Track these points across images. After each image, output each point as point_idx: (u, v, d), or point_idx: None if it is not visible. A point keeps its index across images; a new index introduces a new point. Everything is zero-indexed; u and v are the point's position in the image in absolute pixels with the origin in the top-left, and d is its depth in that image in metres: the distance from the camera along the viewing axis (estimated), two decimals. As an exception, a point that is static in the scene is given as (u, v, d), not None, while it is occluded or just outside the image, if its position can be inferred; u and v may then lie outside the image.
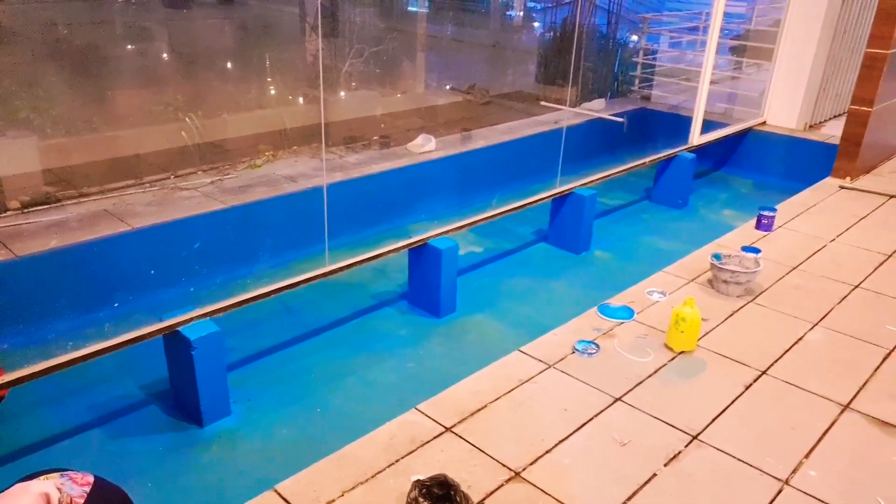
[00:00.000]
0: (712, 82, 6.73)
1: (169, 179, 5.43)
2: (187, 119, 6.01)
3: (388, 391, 3.76)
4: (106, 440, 3.35)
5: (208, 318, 3.42)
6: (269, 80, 7.04)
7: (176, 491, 3.06)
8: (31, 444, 3.29)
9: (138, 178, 5.36)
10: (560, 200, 5.50)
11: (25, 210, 4.64)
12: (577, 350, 3.40)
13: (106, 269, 4.30)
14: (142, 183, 5.30)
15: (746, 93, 7.99)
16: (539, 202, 5.31)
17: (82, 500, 2.23)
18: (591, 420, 2.92)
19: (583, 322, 3.70)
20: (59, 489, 2.17)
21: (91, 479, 2.41)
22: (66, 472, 2.38)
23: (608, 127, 7.42)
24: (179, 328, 3.30)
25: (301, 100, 7.20)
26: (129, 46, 6.02)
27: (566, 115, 7.33)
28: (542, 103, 7.95)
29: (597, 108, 8.04)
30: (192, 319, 3.37)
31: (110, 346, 3.16)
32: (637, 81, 8.94)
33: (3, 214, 4.56)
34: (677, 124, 7.34)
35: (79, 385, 3.64)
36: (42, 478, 2.31)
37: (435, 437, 2.77)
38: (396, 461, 2.63)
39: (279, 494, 2.45)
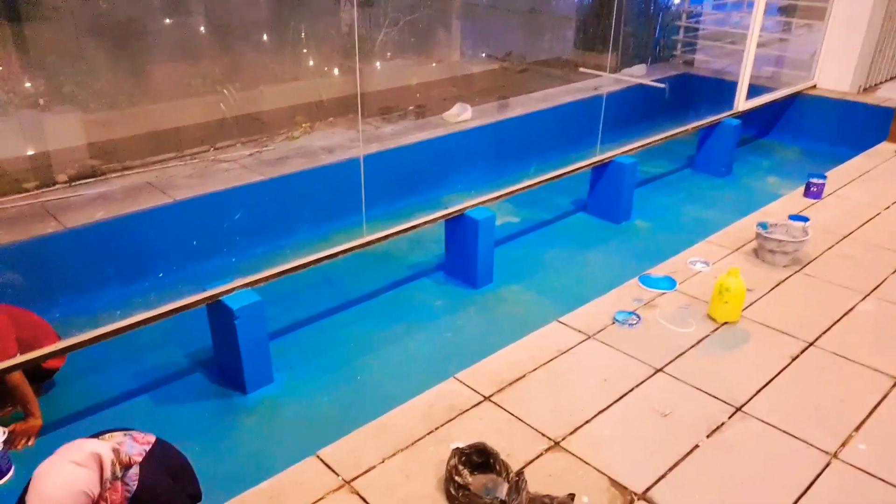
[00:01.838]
0: (759, 45, 6.46)
1: (209, 152, 5.49)
2: (225, 91, 6.05)
3: (425, 361, 3.79)
4: (153, 406, 3.46)
5: (250, 287, 3.48)
6: (304, 51, 7.02)
7: (221, 455, 3.14)
8: (83, 410, 3.41)
9: (179, 150, 5.44)
10: (600, 169, 5.40)
11: (72, 183, 4.75)
12: (617, 321, 3.36)
13: (150, 241, 4.39)
14: (182, 155, 5.38)
15: (796, 55, 7.67)
16: (578, 171, 5.21)
17: (141, 458, 2.32)
18: (631, 391, 2.89)
19: (623, 292, 3.64)
20: (116, 450, 2.25)
21: (152, 438, 2.50)
22: (129, 432, 2.48)
23: (649, 93, 7.22)
24: (222, 298, 3.37)
25: (336, 71, 7.17)
26: (167, 20, 6.06)
27: (606, 81, 7.16)
28: (581, 70, 7.77)
29: (637, 74, 7.82)
30: (234, 289, 3.42)
31: (156, 315, 3.24)
32: (679, 46, 8.65)
33: (52, 187, 4.68)
34: (721, 90, 7.10)
35: (126, 353, 3.74)
36: (106, 436, 2.41)
37: (473, 406, 2.77)
38: (436, 429, 2.65)
39: (321, 460, 2.50)
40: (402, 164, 5.56)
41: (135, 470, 2.27)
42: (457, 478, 2.34)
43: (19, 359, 3.04)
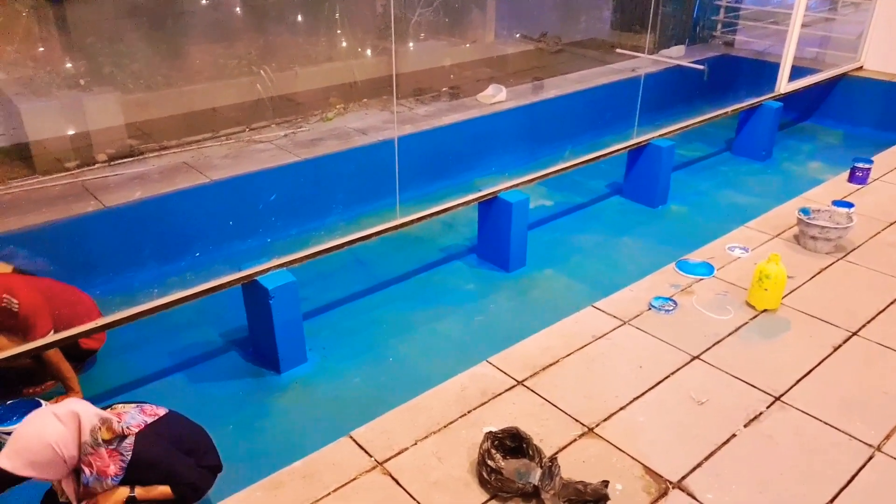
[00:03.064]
0: (803, 25, 6.25)
1: (244, 132, 5.53)
2: (260, 72, 6.07)
3: (456, 344, 3.78)
4: (189, 383, 3.52)
5: (284, 268, 3.50)
6: (338, 31, 7.00)
7: (256, 433, 3.19)
8: (120, 387, 3.48)
9: (214, 131, 5.48)
10: (636, 152, 5.30)
11: (111, 163, 4.83)
12: (653, 306, 3.30)
13: (186, 220, 4.45)
14: (218, 136, 5.42)
15: (842, 35, 7.39)
16: (614, 154, 5.12)
17: (138, 429, 2.36)
18: (666, 378, 2.84)
19: (659, 278, 3.58)
20: (105, 419, 2.28)
21: (162, 412, 2.55)
22: (141, 405, 2.54)
23: (688, 75, 7.04)
24: (257, 278, 3.40)
25: (370, 52, 7.14)
26: (204, 1, 6.09)
27: (643, 62, 7.00)
28: (618, 51, 7.61)
29: (676, 56, 7.63)
30: (269, 269, 3.45)
31: (193, 294, 3.29)
32: (720, 26, 8.41)
33: (92, 167, 4.77)
34: (762, 71, 6.89)
35: (162, 331, 3.81)
36: (118, 406, 2.47)
37: (506, 390, 2.76)
38: (468, 412, 2.65)
39: (354, 440, 2.52)
40: (435, 146, 5.53)
41: (130, 440, 2.32)
42: (489, 462, 2.34)
43: (54, 337, 3.10)
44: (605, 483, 2.28)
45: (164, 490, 2.40)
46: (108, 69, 5.56)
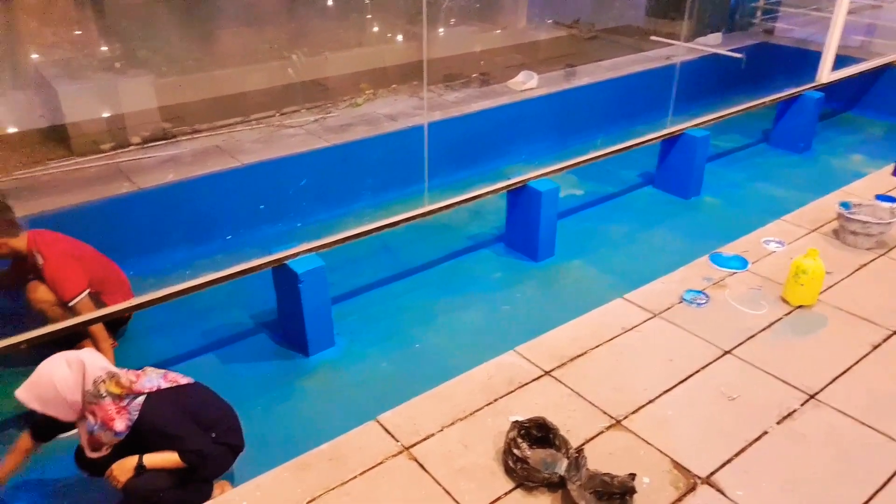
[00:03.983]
0: (849, 12, 6.05)
1: (274, 117, 5.55)
2: (290, 57, 6.09)
3: (483, 332, 3.77)
4: (219, 364, 3.57)
5: (314, 252, 3.52)
6: (368, 16, 6.98)
7: (283, 415, 3.22)
8: (152, 365, 3.53)
9: (245, 115, 5.52)
10: (670, 142, 5.20)
11: (145, 145, 4.89)
12: (684, 300, 3.25)
13: (218, 203, 4.50)
14: (249, 120, 5.46)
15: (889, 23, 7.14)
16: (647, 143, 5.04)
17: (150, 391, 2.40)
18: (697, 372, 2.80)
19: (691, 271, 3.52)
20: (112, 373, 2.35)
21: (184, 381, 2.59)
22: (168, 372, 2.58)
23: (725, 63, 6.88)
24: (287, 262, 3.42)
25: (400, 37, 7.11)
26: (236, -15, 6.12)
27: (679, 50, 6.86)
28: (653, 38, 7.46)
29: (713, 44, 7.46)
30: (298, 254, 3.47)
31: (224, 277, 3.32)
32: (759, 13, 8.19)
33: (126, 149, 4.84)
34: (803, 60, 6.71)
35: (193, 312, 3.86)
36: (148, 369, 2.53)
37: (533, 380, 2.75)
38: (494, 401, 2.64)
39: (381, 425, 2.53)
40: (464, 133, 5.49)
41: (140, 400, 2.37)
42: (515, 451, 2.33)
43: (95, 314, 3.18)
44: (632, 476, 2.26)
45: (172, 458, 2.43)
46: (143, 53, 5.62)
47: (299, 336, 3.55)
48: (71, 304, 3.26)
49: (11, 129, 4.96)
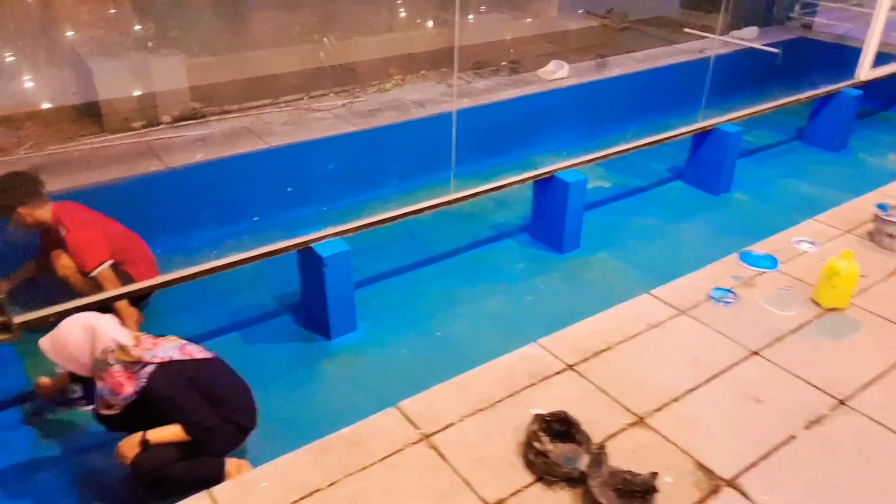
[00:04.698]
0: (892, 8, 5.86)
1: (303, 100, 5.55)
2: (320, 40, 6.08)
3: (505, 323, 3.75)
4: (242, 344, 3.60)
5: (339, 237, 3.52)
6: (399, 1, 6.94)
7: (303, 397, 3.24)
8: (179, 341, 3.58)
9: (275, 97, 5.52)
10: (701, 136, 5.11)
11: (175, 124, 4.93)
12: (712, 297, 3.20)
13: (245, 184, 4.51)
14: (277, 102, 5.46)
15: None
16: (677, 137, 4.95)
17: (160, 361, 2.43)
18: (723, 372, 2.75)
19: (720, 268, 3.46)
20: (121, 345, 2.40)
21: (201, 356, 2.62)
22: (187, 344, 2.61)
23: (760, 58, 6.72)
24: (312, 245, 3.43)
25: (430, 23, 7.06)
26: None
27: (713, 44, 6.71)
28: (687, 30, 7.31)
29: (748, 37, 7.30)
30: (324, 237, 3.48)
31: (249, 258, 3.34)
32: (797, 7, 7.99)
33: (156, 127, 4.87)
34: (842, 56, 6.53)
35: (218, 292, 3.89)
36: (170, 337, 2.57)
37: (556, 374, 2.72)
38: (516, 392, 2.62)
39: (401, 412, 2.52)
40: (493, 121, 5.44)
41: (150, 369, 2.40)
42: (536, 444, 2.31)
43: (118, 291, 3.21)
44: (654, 475, 2.23)
45: (176, 431, 2.46)
46: (175, 32, 5.65)
47: (322, 319, 3.56)
48: (92, 273, 3.31)
49: (46, 105, 5.02)
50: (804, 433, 2.45)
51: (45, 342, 2.41)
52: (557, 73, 6.01)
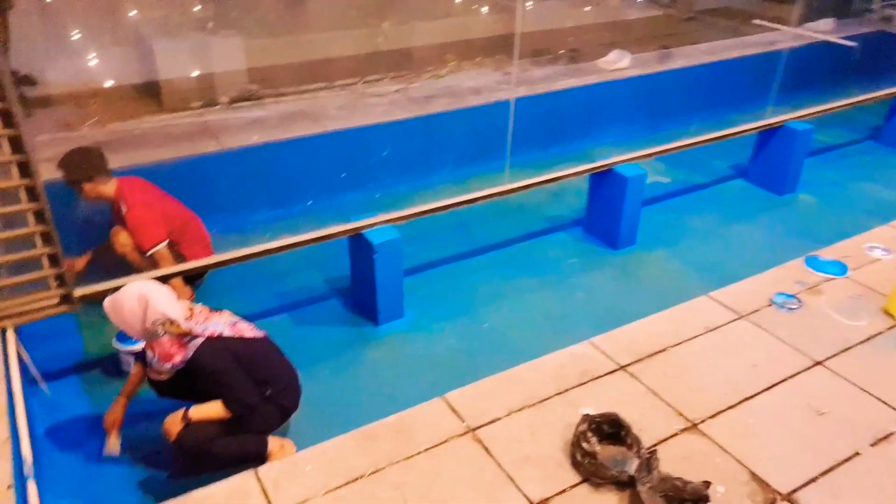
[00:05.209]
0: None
1: (357, 84, 5.55)
2: (377, 25, 6.06)
3: (555, 318, 3.68)
4: (291, 325, 3.62)
5: (390, 224, 3.50)
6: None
7: (348, 381, 3.25)
8: (230, 320, 3.63)
9: (330, 81, 5.54)
10: (768, 133, 4.90)
11: (232, 105, 4.99)
12: (775, 303, 3.06)
13: (299, 167, 4.54)
14: (333, 86, 5.47)
15: None
16: (743, 134, 4.76)
17: (208, 335, 2.46)
18: (783, 381, 2.63)
19: (784, 272, 3.31)
20: (167, 317, 2.44)
21: (251, 334, 2.65)
22: (240, 322, 2.65)
23: (835, 52, 6.40)
24: (364, 231, 3.42)
25: (487, 9, 6.96)
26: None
27: (784, 36, 6.42)
28: (756, 22, 7.01)
29: (823, 30, 6.95)
30: (375, 224, 3.47)
31: (302, 241, 3.36)
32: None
33: (214, 108, 4.94)
34: (925, 53, 6.17)
35: (269, 273, 3.92)
36: (225, 312, 2.61)
37: (607, 374, 2.65)
38: (565, 391, 2.56)
39: (448, 403, 2.50)
40: (550, 111, 5.33)
41: (198, 342, 2.44)
42: (584, 444, 2.26)
43: (175, 268, 3.28)
44: (707, 483, 2.15)
45: (217, 407, 2.49)
46: (235, 14, 5.72)
47: (370, 305, 3.56)
48: (148, 253, 3.38)
49: (108, 83, 5.15)
50: (870, 451, 2.32)
51: (107, 303, 2.49)
52: (618, 64, 5.85)
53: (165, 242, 3.44)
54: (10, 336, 2.67)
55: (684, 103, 5.91)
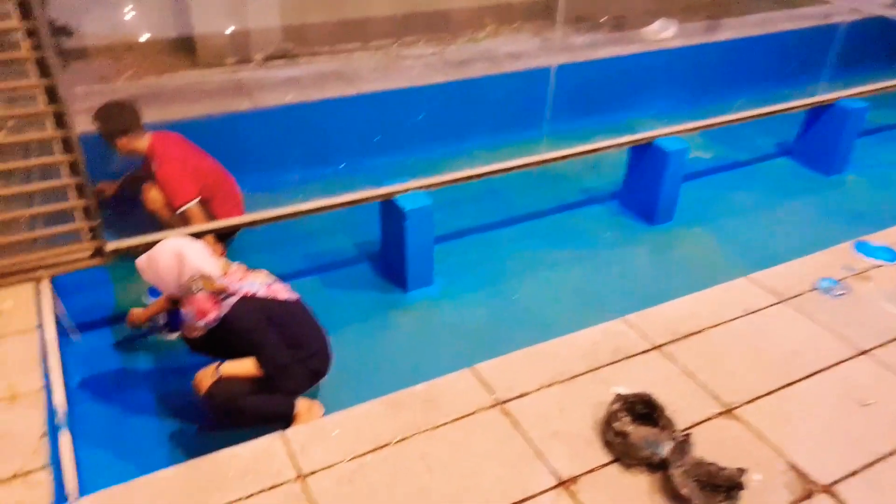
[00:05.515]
0: None
1: (393, 46, 5.44)
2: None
3: (587, 293, 3.60)
4: (319, 287, 3.61)
5: (422, 190, 3.44)
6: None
7: (376, 346, 3.23)
8: (260, 280, 3.62)
9: (365, 41, 5.43)
10: (817, 111, 4.69)
11: (266, 62, 4.92)
12: (818, 288, 2.94)
13: (331, 129, 4.48)
14: (368, 47, 5.37)
15: None
16: (792, 110, 4.56)
17: (242, 295, 2.45)
18: (825, 369, 2.54)
19: (829, 257, 3.18)
20: (204, 274, 2.44)
21: (285, 297, 2.64)
22: (275, 283, 2.64)
23: (893, 28, 6.09)
24: (395, 197, 3.36)
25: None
26: None
27: (840, 9, 6.12)
28: (811, -7, 6.70)
29: (881, 2, 6.60)
30: (407, 190, 3.41)
31: (333, 205, 3.32)
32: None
33: (248, 65, 4.88)
34: None
35: (299, 234, 3.89)
36: (261, 272, 2.60)
37: (641, 353, 2.58)
38: (597, 368, 2.50)
39: (476, 374, 2.45)
40: (590, 80, 5.17)
41: (233, 300, 2.43)
42: (616, 424, 2.20)
43: (207, 226, 3.26)
44: (742, 470, 2.08)
45: (248, 365, 2.49)
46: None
47: (399, 271, 3.52)
48: (179, 211, 3.37)
49: (144, 37, 5.11)
50: (917, 446, 2.23)
51: (141, 261, 2.50)
52: (663, 33, 5.64)
53: (196, 200, 3.42)
54: (45, 286, 2.68)
55: (730, 77, 5.69)
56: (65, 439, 2.13)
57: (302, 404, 2.68)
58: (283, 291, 2.67)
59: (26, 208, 2.73)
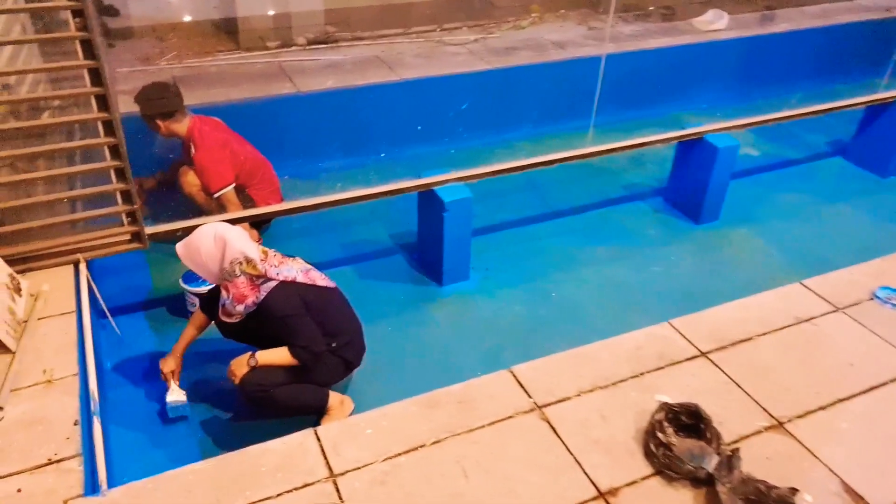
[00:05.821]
0: None
1: (435, 32, 5.35)
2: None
3: (628, 293, 3.49)
4: (354, 278, 3.57)
5: (462, 182, 3.36)
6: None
7: (410, 340, 3.18)
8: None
9: (407, 27, 5.35)
10: (878, 109, 4.47)
11: (308, 47, 4.88)
12: (877, 297, 2.80)
13: (372, 116, 4.42)
14: (410, 33, 5.29)
15: None
16: (852, 108, 4.35)
17: (281, 280, 2.41)
18: (884, 384, 2.40)
19: (889, 264, 3.02)
20: (247, 257, 2.41)
21: (323, 283, 2.60)
22: (313, 269, 2.61)
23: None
24: (435, 188, 3.29)
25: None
26: None
27: (904, 1, 5.84)
28: (873, -16, 6.40)
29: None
30: (447, 181, 3.33)
31: (372, 194, 3.26)
32: None
33: (290, 49, 4.85)
34: None
35: (335, 223, 3.86)
36: (297, 259, 2.56)
37: (687, 360, 2.48)
38: (641, 374, 2.40)
39: (515, 376, 2.38)
40: (637, 71, 5.01)
41: (271, 285, 2.41)
42: (660, 434, 2.11)
43: (244, 213, 3.24)
44: (794, 490, 1.98)
45: (283, 354, 2.47)
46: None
47: (435, 264, 3.46)
48: (216, 195, 3.35)
49: (187, 18, 5.11)
50: (983, 473, 2.10)
51: (180, 247, 2.47)
52: (715, 24, 5.44)
53: (233, 185, 3.40)
54: (83, 269, 2.68)
55: (784, 71, 5.47)
56: (97, 428, 2.12)
57: (334, 398, 2.65)
58: (319, 279, 2.64)
59: (67, 190, 2.74)
